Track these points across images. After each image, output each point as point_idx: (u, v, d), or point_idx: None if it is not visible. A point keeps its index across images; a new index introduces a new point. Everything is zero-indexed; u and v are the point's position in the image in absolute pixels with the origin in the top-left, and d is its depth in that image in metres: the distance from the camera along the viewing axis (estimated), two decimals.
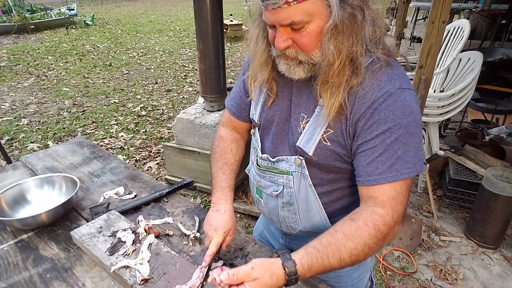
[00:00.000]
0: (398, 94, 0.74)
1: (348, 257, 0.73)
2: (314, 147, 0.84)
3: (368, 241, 0.73)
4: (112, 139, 3.87)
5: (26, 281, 0.94)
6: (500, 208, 2.11)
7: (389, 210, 0.75)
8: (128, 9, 18.42)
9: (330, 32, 0.70)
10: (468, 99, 2.52)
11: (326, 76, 0.75)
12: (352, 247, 0.73)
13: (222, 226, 0.95)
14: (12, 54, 7.79)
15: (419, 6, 7.23)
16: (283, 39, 0.74)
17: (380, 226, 0.74)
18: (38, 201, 1.25)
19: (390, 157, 0.74)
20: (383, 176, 0.75)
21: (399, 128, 0.73)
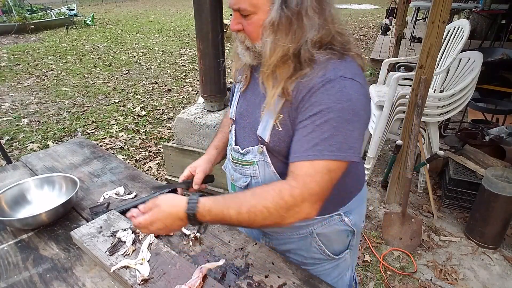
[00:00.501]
0: (338, 81, 0.77)
1: (246, 212, 0.77)
2: (269, 133, 0.88)
3: (269, 204, 0.76)
4: (112, 139, 3.87)
5: (26, 281, 0.94)
6: (500, 208, 2.11)
7: (300, 183, 0.76)
8: (128, 9, 18.42)
9: (269, 27, 0.78)
10: (468, 99, 2.52)
11: (263, 67, 0.82)
12: (252, 204, 0.77)
13: (191, 164, 1.17)
14: (12, 54, 7.79)
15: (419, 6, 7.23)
16: (235, 22, 0.85)
17: (285, 195, 0.76)
18: (38, 201, 1.25)
19: (315, 138, 0.76)
20: (305, 154, 0.77)
21: (330, 112, 0.75)
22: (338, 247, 1.05)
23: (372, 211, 2.63)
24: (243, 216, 0.77)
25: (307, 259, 1.04)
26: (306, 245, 1.02)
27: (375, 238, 2.35)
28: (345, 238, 1.04)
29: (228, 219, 0.78)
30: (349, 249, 1.06)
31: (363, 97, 0.78)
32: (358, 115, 0.77)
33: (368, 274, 2.08)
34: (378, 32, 9.07)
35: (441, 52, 2.83)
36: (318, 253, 1.03)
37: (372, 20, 13.51)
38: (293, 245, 1.04)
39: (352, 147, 0.77)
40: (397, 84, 2.56)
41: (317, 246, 1.01)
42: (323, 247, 1.01)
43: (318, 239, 1.00)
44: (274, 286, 0.91)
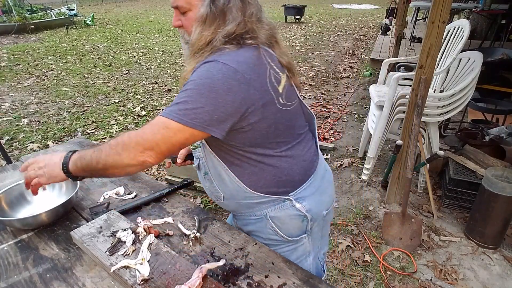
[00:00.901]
0: (211, 63, 0.88)
1: (97, 150, 0.92)
2: None
3: (112, 142, 0.91)
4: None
5: (26, 281, 0.95)
6: (500, 208, 2.11)
7: (140, 130, 0.89)
8: (128, 9, 18.42)
9: (198, 20, 0.93)
10: (468, 99, 2.52)
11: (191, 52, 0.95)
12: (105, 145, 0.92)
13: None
14: (12, 54, 7.79)
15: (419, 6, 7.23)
16: (176, 19, 0.99)
17: (124, 135, 0.90)
18: (38, 201, 1.25)
19: (172, 102, 0.89)
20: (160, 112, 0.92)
21: (191, 84, 0.87)
22: (294, 231, 1.10)
23: (372, 211, 2.63)
24: (95, 155, 0.91)
25: (266, 240, 1.12)
26: (263, 226, 1.10)
27: (375, 238, 2.35)
28: (300, 223, 1.08)
29: (86, 160, 0.93)
30: (306, 234, 1.11)
31: (233, 81, 0.85)
32: (215, 93, 0.84)
33: (368, 274, 2.08)
34: (378, 32, 9.07)
35: (441, 52, 2.83)
36: (274, 235, 1.10)
37: (372, 20, 13.51)
38: (253, 227, 1.13)
39: (198, 118, 0.85)
40: (397, 84, 2.56)
41: (271, 228, 1.08)
42: (276, 229, 1.08)
43: (271, 221, 1.07)
44: (274, 286, 0.91)
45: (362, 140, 3.33)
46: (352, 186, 2.96)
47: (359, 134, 3.83)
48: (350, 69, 6.68)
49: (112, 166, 0.90)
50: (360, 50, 8.30)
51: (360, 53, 7.98)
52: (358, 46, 8.70)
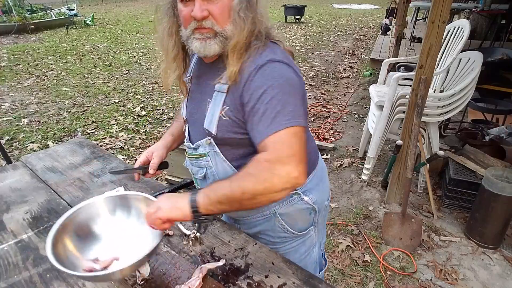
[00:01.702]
0: (268, 65, 0.85)
1: (235, 180, 0.83)
2: (215, 126, 0.94)
3: (251, 170, 0.82)
4: (112, 139, 3.87)
5: (26, 281, 0.94)
6: (500, 208, 2.11)
7: (271, 150, 0.82)
8: (128, 9, 18.42)
9: (239, 5, 0.85)
10: (468, 99, 2.52)
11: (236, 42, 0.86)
12: (238, 175, 0.84)
13: (148, 149, 1.23)
14: (12, 54, 7.79)
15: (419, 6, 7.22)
16: (202, 8, 0.84)
17: (261, 160, 0.82)
18: (109, 235, 0.98)
19: (271, 113, 0.83)
20: (267, 130, 0.83)
21: (272, 89, 0.83)
22: (303, 225, 1.11)
23: (372, 211, 2.63)
24: (234, 185, 0.82)
25: (274, 239, 1.11)
26: (271, 225, 1.08)
27: (375, 238, 2.35)
28: (308, 216, 1.10)
29: (223, 193, 0.82)
30: (313, 226, 1.13)
31: (293, 74, 0.87)
32: (295, 88, 0.86)
33: (368, 274, 2.08)
34: (378, 32, 9.07)
35: (441, 52, 2.83)
36: (283, 232, 1.09)
37: (372, 20, 13.50)
38: (261, 227, 1.11)
39: (300, 115, 0.85)
40: (397, 84, 2.56)
41: (281, 226, 1.08)
42: (286, 226, 1.08)
43: (280, 218, 1.06)
44: (274, 286, 0.91)
45: (362, 140, 3.33)
46: (352, 186, 2.96)
47: (359, 134, 3.83)
48: (350, 69, 6.68)
49: (261, 197, 0.81)
50: (360, 50, 8.30)
51: (360, 53, 7.97)
52: (358, 46, 8.69)
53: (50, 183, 1.39)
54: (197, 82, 1.05)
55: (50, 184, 1.39)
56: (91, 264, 0.89)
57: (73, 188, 1.37)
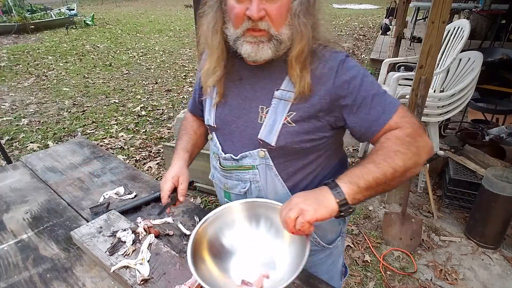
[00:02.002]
0: (347, 59, 0.86)
1: (383, 160, 0.77)
2: (276, 136, 0.87)
3: (397, 147, 0.78)
4: (112, 139, 3.87)
5: (26, 281, 0.94)
6: (500, 208, 2.11)
7: (405, 125, 0.81)
8: (128, 9, 18.42)
9: (299, 7, 0.78)
10: (468, 99, 2.52)
11: (299, 50, 0.80)
12: (383, 154, 0.78)
13: (171, 174, 1.04)
14: (12, 54, 7.79)
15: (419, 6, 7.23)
16: (259, 8, 0.75)
17: (403, 136, 0.79)
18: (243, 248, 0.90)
19: (382, 96, 0.83)
20: (389, 110, 0.82)
21: (367, 76, 0.84)
22: (331, 236, 1.08)
23: (372, 211, 2.63)
24: (384, 165, 0.76)
25: None
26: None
27: (375, 238, 2.35)
28: (337, 227, 1.08)
29: (373, 176, 0.76)
30: (340, 236, 1.10)
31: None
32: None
33: (368, 274, 2.08)
34: (378, 32, 9.07)
35: (441, 52, 2.83)
36: (314, 245, 1.05)
37: (372, 20, 13.50)
38: None
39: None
40: (397, 84, 2.56)
41: (313, 239, 1.03)
42: (318, 239, 1.04)
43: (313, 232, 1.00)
44: None
45: None
46: None
47: None
48: None
49: (409, 169, 0.78)
50: (360, 50, 8.30)
51: (360, 53, 7.97)
52: (358, 46, 8.69)
53: (50, 183, 1.39)
54: (238, 85, 0.94)
55: (50, 184, 1.39)
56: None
57: (73, 188, 1.37)
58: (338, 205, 0.74)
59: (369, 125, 0.84)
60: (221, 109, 0.97)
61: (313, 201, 0.75)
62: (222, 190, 1.06)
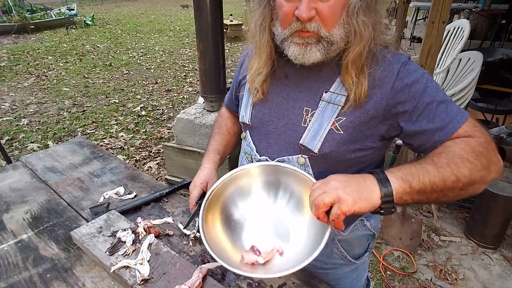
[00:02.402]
0: (410, 61, 0.78)
1: (446, 165, 0.67)
2: (320, 143, 0.80)
3: (467, 155, 0.68)
4: (112, 139, 3.87)
5: (26, 281, 0.94)
6: (500, 208, 2.11)
7: (477, 134, 0.72)
8: (128, 9, 18.42)
9: (358, 5, 0.70)
10: (468, 99, 2.53)
11: (357, 54, 0.73)
12: (448, 158, 0.68)
13: (200, 179, 1.02)
14: (12, 54, 7.79)
15: (419, 6, 7.23)
16: (309, 7, 0.69)
17: (474, 145, 0.70)
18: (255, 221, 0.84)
19: (445, 105, 0.74)
20: (458, 118, 0.73)
21: (430, 81, 0.76)
22: (358, 251, 1.03)
23: None
24: (446, 170, 0.66)
25: (327, 264, 1.01)
26: (328, 251, 0.97)
27: None
28: (365, 242, 1.03)
29: (430, 180, 0.66)
30: (368, 252, 1.05)
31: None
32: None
33: (368, 274, 2.08)
34: None
35: (441, 52, 2.83)
36: (339, 259, 1.00)
37: None
38: None
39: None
40: None
41: (339, 252, 0.98)
42: (345, 253, 0.99)
43: (339, 245, 0.97)
44: (274, 286, 0.91)
45: None
46: None
47: None
48: None
49: (474, 183, 0.68)
50: None
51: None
52: None
53: (50, 183, 1.39)
54: (282, 83, 0.87)
55: (50, 184, 1.39)
56: (251, 256, 0.74)
57: (73, 188, 1.37)
58: (381, 201, 0.65)
59: (432, 134, 0.74)
60: (260, 107, 0.91)
61: (354, 190, 0.65)
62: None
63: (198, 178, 1.04)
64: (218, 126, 1.18)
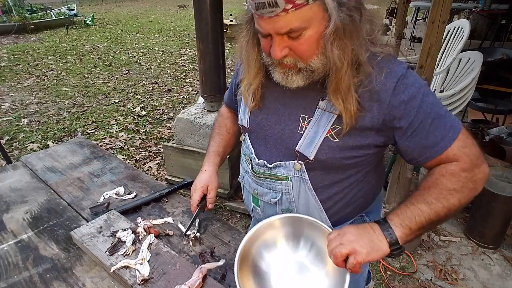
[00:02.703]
0: (408, 74, 0.78)
1: (436, 200, 0.75)
2: (315, 150, 0.82)
3: (453, 186, 0.75)
4: (112, 139, 3.87)
5: (26, 281, 0.94)
6: (500, 208, 2.11)
7: (464, 157, 0.77)
8: (128, 9, 18.42)
9: (332, 36, 0.69)
10: (468, 99, 2.53)
11: (338, 83, 0.74)
12: (437, 193, 0.76)
13: (201, 182, 1.06)
14: (12, 54, 7.79)
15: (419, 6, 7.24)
16: (280, 48, 0.72)
17: (460, 172, 0.76)
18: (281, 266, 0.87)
19: (441, 121, 0.77)
20: (448, 138, 0.77)
21: (428, 96, 0.77)
22: None
23: None
24: (437, 206, 0.74)
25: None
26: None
27: None
28: None
29: (426, 218, 0.74)
30: None
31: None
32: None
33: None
34: None
35: (441, 52, 2.83)
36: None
37: None
38: None
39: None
40: None
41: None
42: None
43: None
44: None
45: None
46: None
47: None
48: None
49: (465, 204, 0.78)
50: None
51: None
52: None
53: (50, 183, 1.39)
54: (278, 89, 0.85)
55: (50, 184, 1.39)
56: None
57: (73, 188, 1.37)
58: (390, 249, 0.74)
59: (424, 150, 0.79)
60: (257, 112, 0.93)
61: (367, 243, 0.73)
62: (251, 195, 1.01)
63: (198, 181, 1.07)
64: (218, 126, 1.19)
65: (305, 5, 0.66)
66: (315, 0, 0.66)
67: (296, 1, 0.65)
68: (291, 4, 0.65)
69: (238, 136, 1.16)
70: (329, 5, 0.67)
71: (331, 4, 0.67)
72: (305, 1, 0.65)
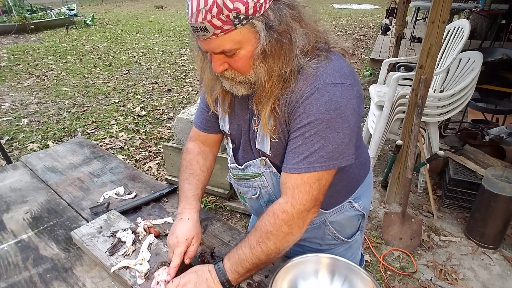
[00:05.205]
0: (326, 89, 0.76)
1: (256, 244, 0.82)
2: (268, 146, 0.88)
3: (270, 228, 0.81)
4: (112, 139, 3.87)
5: (26, 281, 0.95)
6: (500, 208, 2.11)
7: (289, 198, 0.81)
8: (128, 9, 18.42)
9: (259, 57, 0.74)
10: (468, 99, 2.52)
11: (260, 97, 0.80)
12: (258, 235, 0.82)
13: (185, 234, 0.94)
14: (12, 54, 7.79)
15: (419, 6, 7.23)
16: (219, 64, 0.77)
17: (278, 213, 0.81)
18: None
19: (305, 150, 0.78)
20: (295, 166, 0.80)
21: (320, 123, 0.76)
22: (351, 231, 1.09)
23: (372, 211, 2.63)
24: (256, 249, 0.81)
25: (322, 246, 1.08)
26: (321, 233, 1.05)
27: (375, 238, 2.35)
28: (356, 222, 1.08)
29: (250, 262, 0.82)
30: (359, 231, 1.12)
31: (353, 99, 0.77)
32: (347, 121, 0.77)
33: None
34: (378, 32, 9.07)
35: (441, 52, 2.83)
36: (333, 239, 1.07)
37: (372, 20, 13.50)
38: (308, 234, 1.04)
39: (342, 153, 0.79)
40: (397, 84, 2.56)
41: (331, 234, 1.05)
42: (337, 234, 1.05)
43: (331, 226, 1.04)
44: None
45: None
46: None
47: None
48: None
49: (287, 247, 0.83)
50: (360, 50, 8.30)
51: (360, 53, 7.97)
52: (358, 46, 8.69)
53: (50, 183, 1.39)
54: (238, 98, 0.91)
55: (50, 184, 1.39)
56: None
57: (73, 188, 1.37)
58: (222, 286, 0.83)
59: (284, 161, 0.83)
60: (231, 118, 0.99)
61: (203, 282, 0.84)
62: (238, 193, 1.11)
63: (181, 232, 0.95)
64: (189, 165, 1.09)
65: (233, 30, 0.70)
66: (243, 25, 0.69)
67: (224, 26, 0.68)
68: (219, 29, 0.69)
69: (211, 171, 1.13)
70: (258, 27, 0.70)
71: (259, 28, 0.70)
72: (232, 27, 0.69)
